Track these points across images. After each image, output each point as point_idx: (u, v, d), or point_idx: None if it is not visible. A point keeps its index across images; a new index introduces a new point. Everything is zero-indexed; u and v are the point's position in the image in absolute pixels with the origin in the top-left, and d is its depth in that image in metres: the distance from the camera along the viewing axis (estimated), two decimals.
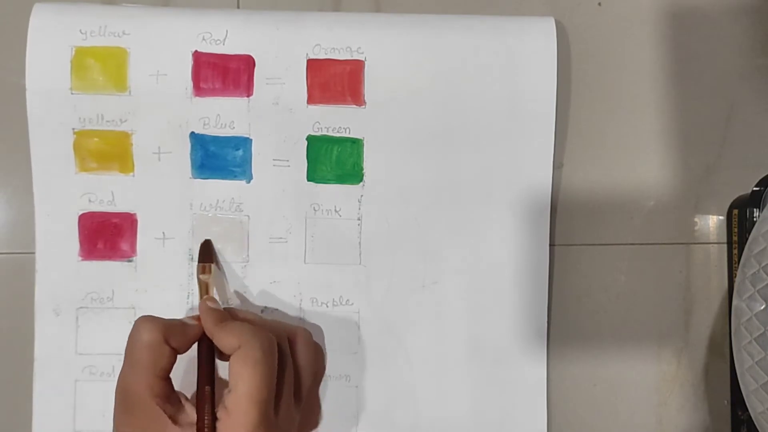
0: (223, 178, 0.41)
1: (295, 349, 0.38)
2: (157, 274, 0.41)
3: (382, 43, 0.41)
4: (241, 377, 0.33)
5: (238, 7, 0.43)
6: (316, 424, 0.41)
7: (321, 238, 0.41)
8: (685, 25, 0.44)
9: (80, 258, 0.41)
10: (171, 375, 0.36)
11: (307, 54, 0.41)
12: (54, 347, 0.41)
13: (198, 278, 0.40)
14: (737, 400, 0.42)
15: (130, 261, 0.41)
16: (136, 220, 0.41)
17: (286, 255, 0.41)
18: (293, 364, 0.38)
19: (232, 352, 0.34)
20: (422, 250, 0.42)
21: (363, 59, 0.41)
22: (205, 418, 0.34)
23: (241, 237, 0.41)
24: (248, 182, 0.41)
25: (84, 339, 0.41)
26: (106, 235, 0.41)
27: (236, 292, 0.41)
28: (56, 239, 0.41)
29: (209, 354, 0.36)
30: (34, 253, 0.41)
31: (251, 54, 0.41)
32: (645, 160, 0.43)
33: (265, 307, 0.41)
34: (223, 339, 0.35)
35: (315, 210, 0.41)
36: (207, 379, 0.35)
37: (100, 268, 0.41)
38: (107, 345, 0.41)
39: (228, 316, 0.37)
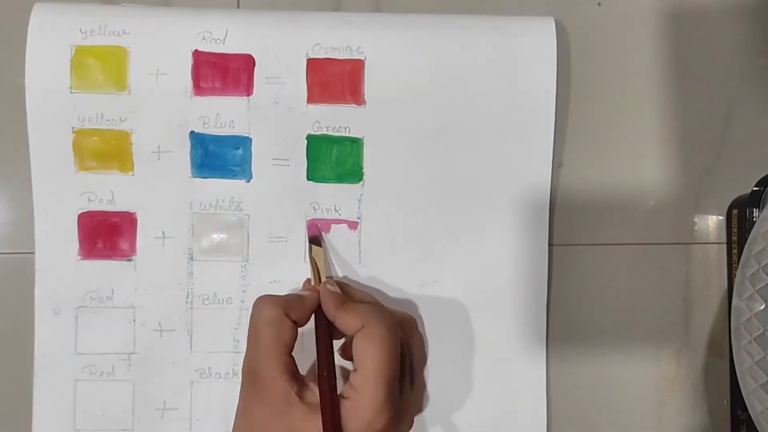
0: (222, 177, 0.41)
1: (410, 334, 0.38)
2: (156, 273, 0.41)
3: (382, 42, 0.41)
4: (368, 355, 0.33)
5: (238, 7, 0.43)
6: (423, 407, 0.41)
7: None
8: (684, 25, 0.44)
9: (80, 257, 0.41)
10: None
11: (307, 53, 0.41)
12: (54, 347, 0.41)
13: (310, 258, 0.40)
14: (737, 400, 0.42)
15: (129, 260, 0.41)
16: (135, 220, 0.41)
17: (286, 254, 0.41)
18: (410, 348, 0.38)
19: (353, 333, 0.34)
20: (422, 250, 0.42)
21: (363, 59, 0.41)
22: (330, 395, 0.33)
23: (240, 236, 0.41)
24: (248, 181, 0.41)
25: (83, 338, 0.41)
26: (106, 235, 0.41)
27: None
28: (56, 239, 0.41)
29: (327, 330, 0.36)
30: (33, 252, 0.41)
31: (251, 53, 0.41)
32: (645, 160, 0.43)
33: None
34: (346, 320, 0.35)
35: (315, 209, 0.41)
36: (327, 357, 0.35)
37: (99, 268, 0.41)
38: (107, 344, 0.41)
39: (347, 299, 0.37)
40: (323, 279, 0.39)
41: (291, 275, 0.41)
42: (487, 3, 0.43)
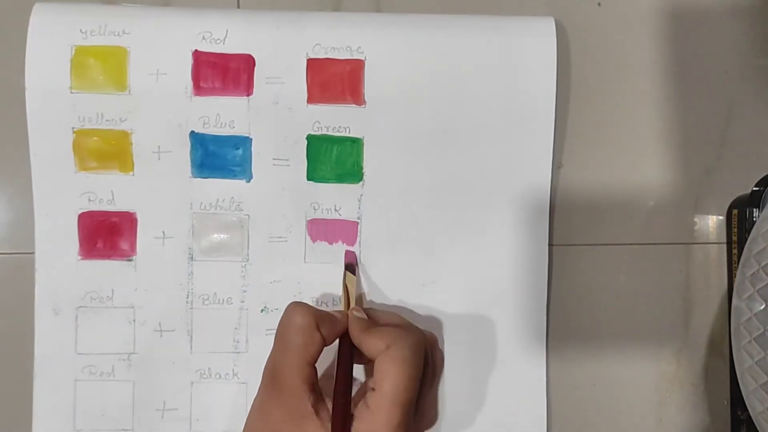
0: (223, 177, 0.41)
1: (432, 353, 0.39)
2: (156, 273, 0.41)
3: (382, 42, 0.41)
4: (388, 376, 0.33)
5: (239, 7, 0.43)
6: (434, 421, 0.42)
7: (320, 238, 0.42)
8: (684, 25, 0.44)
9: (80, 257, 0.41)
10: None
11: (307, 53, 0.41)
12: (54, 347, 0.41)
13: (343, 284, 0.40)
14: (737, 400, 0.42)
15: (129, 260, 0.41)
16: (135, 219, 0.41)
17: (286, 254, 0.41)
18: (430, 367, 0.38)
19: (377, 355, 0.34)
20: (422, 250, 0.42)
21: (363, 59, 0.41)
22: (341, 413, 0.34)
23: (240, 236, 0.41)
24: (248, 181, 0.41)
25: (83, 338, 0.41)
26: (106, 235, 0.41)
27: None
28: (56, 238, 0.41)
29: (349, 354, 0.37)
30: (33, 253, 0.41)
31: (251, 53, 0.41)
32: (644, 160, 0.43)
33: (265, 307, 0.41)
34: (371, 343, 0.35)
35: (315, 209, 0.41)
36: (346, 377, 0.35)
37: (99, 268, 0.41)
38: (107, 344, 0.41)
39: (373, 323, 0.37)
40: (352, 305, 0.39)
41: (291, 275, 0.41)
42: (487, 3, 0.43)
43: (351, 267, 0.41)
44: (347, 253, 0.41)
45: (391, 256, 0.42)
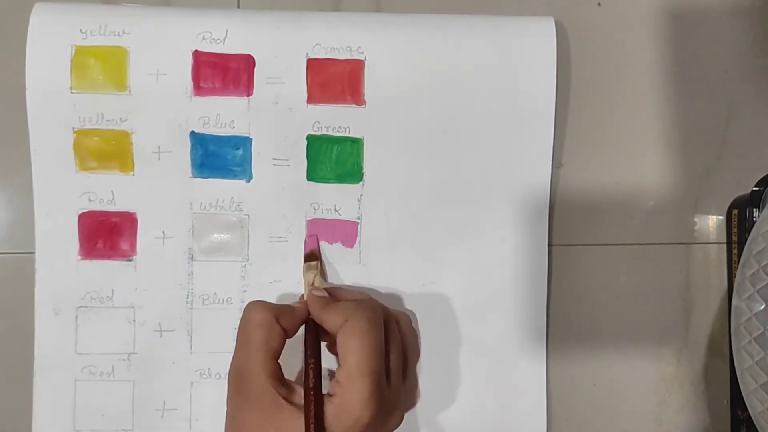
0: (223, 178, 0.41)
1: (401, 331, 0.38)
2: (156, 273, 0.41)
3: (382, 42, 0.41)
4: (350, 349, 0.34)
5: (239, 7, 0.43)
6: (415, 403, 0.42)
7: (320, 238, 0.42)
8: (684, 26, 0.44)
9: (80, 257, 0.41)
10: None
11: (307, 53, 0.41)
12: (54, 347, 0.41)
13: (303, 276, 0.40)
14: (737, 400, 0.42)
15: (129, 260, 0.41)
16: (136, 219, 0.41)
17: (286, 254, 0.41)
18: (402, 342, 0.38)
19: (338, 330, 0.35)
20: (422, 250, 0.42)
21: (363, 59, 0.41)
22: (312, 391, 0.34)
23: (241, 236, 0.41)
24: (248, 181, 0.41)
25: (83, 338, 0.41)
26: (106, 235, 0.41)
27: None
28: (56, 239, 0.41)
29: (315, 335, 0.37)
30: (34, 252, 0.41)
31: (251, 53, 0.41)
32: (644, 160, 0.43)
33: None
34: (329, 318, 0.35)
35: (315, 209, 0.41)
36: (313, 358, 0.36)
37: (99, 268, 0.41)
38: (107, 344, 0.41)
39: (333, 300, 0.37)
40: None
41: (291, 275, 0.41)
42: (487, 3, 0.43)
43: (312, 256, 0.40)
44: (308, 242, 0.41)
45: (391, 256, 0.42)
